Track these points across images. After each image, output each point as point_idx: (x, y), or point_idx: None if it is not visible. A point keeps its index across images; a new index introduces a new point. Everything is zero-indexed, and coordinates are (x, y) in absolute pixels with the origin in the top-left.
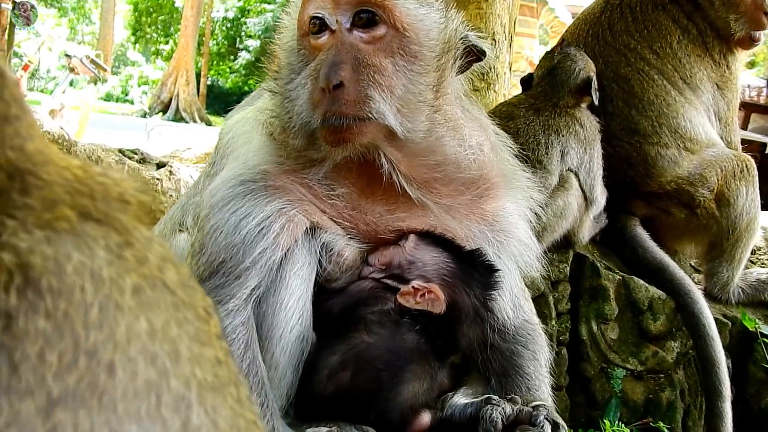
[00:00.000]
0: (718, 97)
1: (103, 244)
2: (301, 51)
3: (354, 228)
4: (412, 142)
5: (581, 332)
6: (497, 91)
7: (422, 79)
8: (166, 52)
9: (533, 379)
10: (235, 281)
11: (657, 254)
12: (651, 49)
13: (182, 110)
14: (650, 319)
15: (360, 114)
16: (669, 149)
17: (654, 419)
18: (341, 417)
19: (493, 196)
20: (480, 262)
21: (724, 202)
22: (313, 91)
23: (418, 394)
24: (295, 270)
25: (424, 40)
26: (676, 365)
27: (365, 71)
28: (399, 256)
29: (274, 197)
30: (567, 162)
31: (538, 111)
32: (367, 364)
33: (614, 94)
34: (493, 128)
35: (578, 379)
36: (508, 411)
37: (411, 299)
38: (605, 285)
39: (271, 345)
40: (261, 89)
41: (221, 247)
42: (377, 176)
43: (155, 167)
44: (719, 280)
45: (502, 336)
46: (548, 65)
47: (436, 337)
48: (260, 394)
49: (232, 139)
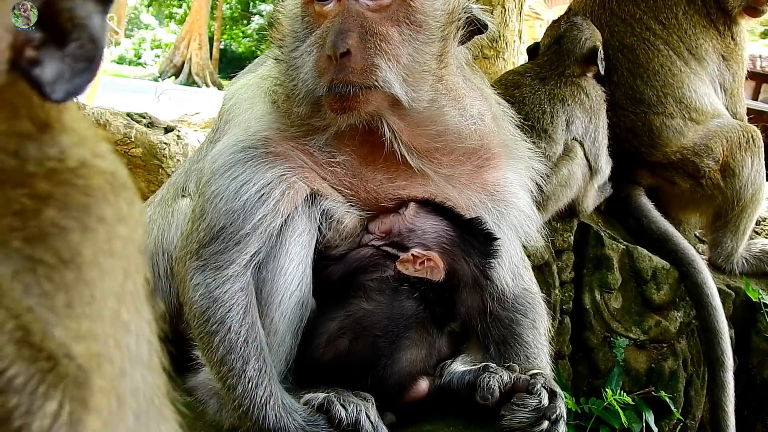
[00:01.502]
0: (724, 69)
1: None
2: (305, 18)
3: (354, 195)
4: (415, 111)
5: (584, 301)
6: (506, 60)
7: (427, 49)
8: (180, 15)
9: (532, 347)
10: (234, 247)
11: (661, 224)
12: (657, 20)
13: (195, 74)
14: (654, 288)
15: (366, 82)
16: (674, 119)
17: (656, 388)
18: (339, 383)
19: (493, 166)
20: (479, 231)
21: (729, 172)
22: (319, 59)
23: (416, 361)
24: (295, 236)
25: (429, 10)
26: (679, 335)
27: (372, 39)
28: (399, 224)
29: (275, 164)
30: (572, 131)
31: (544, 80)
32: (365, 331)
33: (619, 64)
34: (495, 98)
35: (581, 348)
36: (505, 379)
37: (410, 267)
38: (609, 254)
39: (271, 310)
40: (264, 56)
41: (221, 213)
42: (379, 144)
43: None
44: (723, 250)
45: (502, 304)
46: (555, 34)
47: (435, 304)
48: (258, 359)
49: (234, 105)
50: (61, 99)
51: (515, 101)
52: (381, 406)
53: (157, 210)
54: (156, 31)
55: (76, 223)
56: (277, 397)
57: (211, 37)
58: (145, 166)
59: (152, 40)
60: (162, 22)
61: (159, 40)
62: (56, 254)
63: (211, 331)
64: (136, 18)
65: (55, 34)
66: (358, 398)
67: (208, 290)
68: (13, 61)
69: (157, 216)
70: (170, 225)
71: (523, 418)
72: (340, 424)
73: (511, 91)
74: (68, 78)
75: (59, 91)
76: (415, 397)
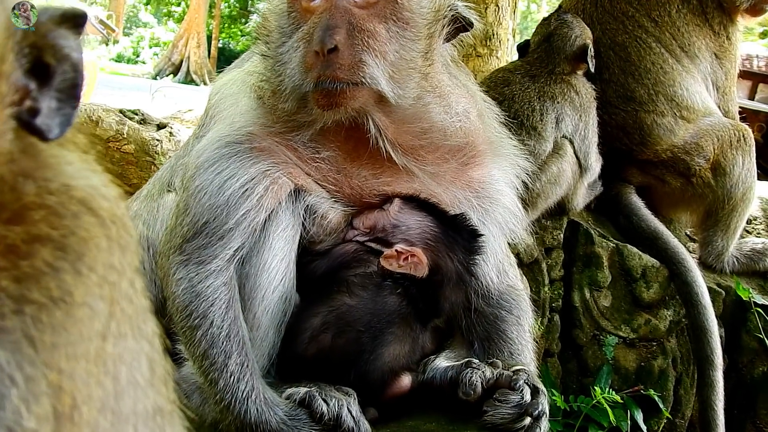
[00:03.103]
0: (717, 67)
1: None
2: (292, 14)
3: (339, 191)
4: (401, 108)
5: (574, 299)
6: (500, 58)
7: (414, 46)
8: (178, 13)
9: (516, 343)
10: (218, 242)
11: (651, 222)
12: (649, 17)
13: (193, 72)
14: (643, 287)
15: (354, 79)
16: (665, 117)
17: (645, 387)
18: (322, 378)
19: (479, 164)
20: (464, 227)
21: (719, 171)
22: (306, 55)
23: (399, 356)
24: (278, 231)
25: (416, 7)
26: (669, 333)
27: (360, 36)
28: (383, 220)
29: (258, 159)
30: (562, 129)
31: (534, 77)
32: (348, 326)
33: (611, 62)
34: (480, 95)
35: (570, 346)
36: (488, 375)
37: (394, 262)
38: (599, 252)
39: (254, 305)
40: (250, 52)
41: (205, 207)
42: (364, 140)
43: (156, 128)
44: (714, 249)
45: (486, 300)
46: (545, 32)
47: (419, 300)
48: (240, 353)
49: (219, 100)
50: (58, 135)
51: (505, 98)
52: (363, 401)
53: (142, 205)
54: (154, 30)
55: (69, 266)
56: (258, 392)
57: (209, 35)
58: (137, 162)
59: (151, 38)
60: (160, 21)
61: (157, 39)
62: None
63: (194, 325)
64: (134, 16)
65: (42, 74)
66: (340, 393)
67: (191, 285)
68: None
69: (142, 211)
70: (155, 220)
71: (505, 413)
72: (322, 419)
73: (501, 88)
74: (60, 112)
75: (55, 128)
76: (398, 393)
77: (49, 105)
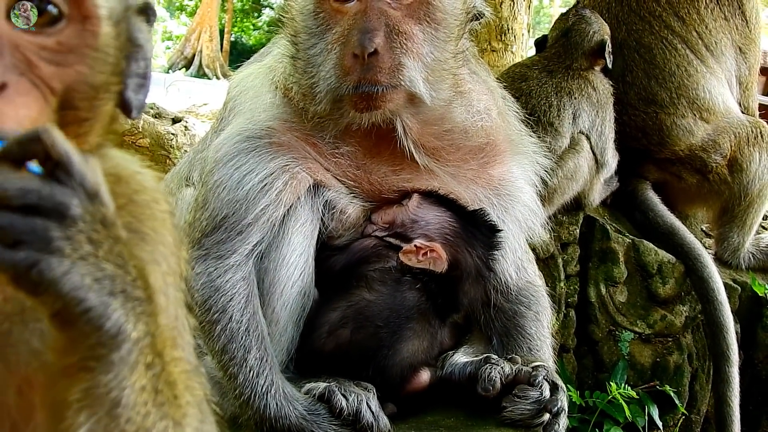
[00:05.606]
0: (741, 62)
1: None
2: (320, 14)
3: (358, 187)
4: (430, 109)
5: (590, 294)
6: (515, 53)
7: (446, 47)
8: (191, 7)
9: (535, 339)
10: (237, 237)
11: (667, 218)
12: (677, 16)
13: (205, 66)
14: (659, 282)
15: (393, 82)
16: (685, 119)
17: (661, 383)
18: (341, 373)
19: (499, 162)
20: (482, 222)
21: (736, 167)
22: (343, 57)
23: (418, 352)
24: (297, 226)
25: (449, 8)
26: (685, 329)
27: (398, 39)
28: (402, 215)
29: (278, 154)
30: (579, 124)
31: (551, 73)
32: (367, 321)
33: (635, 64)
34: (500, 91)
35: (586, 342)
36: (507, 371)
37: (413, 258)
38: (615, 248)
39: (273, 300)
40: (270, 46)
41: (224, 202)
42: (385, 137)
43: (171, 122)
44: (730, 245)
45: (505, 296)
46: (563, 27)
47: (437, 295)
48: (260, 348)
49: (238, 94)
50: (136, 116)
51: (522, 94)
52: (382, 396)
53: None
54: (167, 23)
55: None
56: (278, 386)
57: (221, 29)
58: (152, 156)
59: (163, 32)
60: (173, 14)
61: (170, 32)
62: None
63: (213, 320)
64: None
65: (128, 60)
66: (359, 388)
67: (210, 279)
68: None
69: None
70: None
71: (524, 410)
72: (341, 414)
73: (518, 83)
74: (136, 96)
75: (134, 109)
76: (417, 388)
77: (132, 84)
